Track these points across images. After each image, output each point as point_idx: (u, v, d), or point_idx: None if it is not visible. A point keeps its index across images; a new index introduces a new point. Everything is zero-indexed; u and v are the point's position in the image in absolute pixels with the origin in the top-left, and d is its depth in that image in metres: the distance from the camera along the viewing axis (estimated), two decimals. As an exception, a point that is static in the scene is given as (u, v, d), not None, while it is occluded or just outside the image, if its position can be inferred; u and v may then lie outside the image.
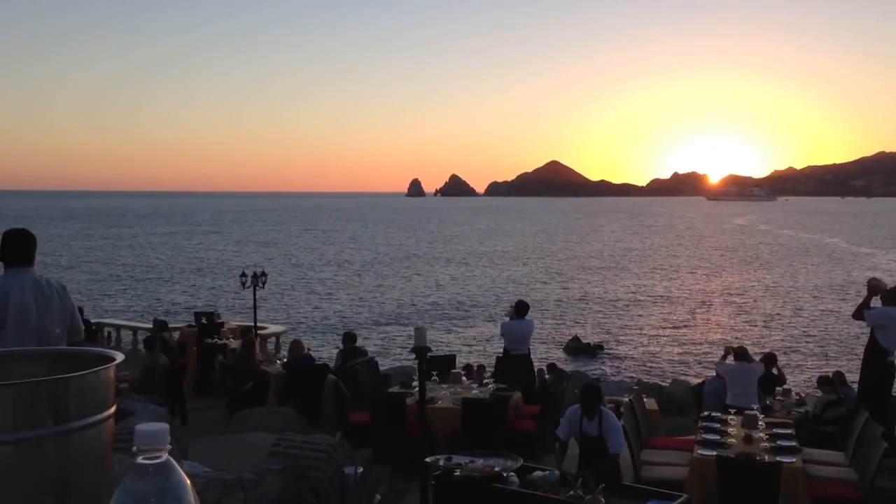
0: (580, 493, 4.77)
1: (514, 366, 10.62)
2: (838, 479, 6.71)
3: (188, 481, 1.13)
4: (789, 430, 7.37)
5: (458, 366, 11.97)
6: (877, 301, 8.93)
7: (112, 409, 1.48)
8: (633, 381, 20.43)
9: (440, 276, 48.94)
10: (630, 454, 7.13)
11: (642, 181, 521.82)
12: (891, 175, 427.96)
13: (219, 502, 3.00)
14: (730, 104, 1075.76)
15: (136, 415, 6.77)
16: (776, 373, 10.46)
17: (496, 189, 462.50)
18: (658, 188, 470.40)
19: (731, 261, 59.15)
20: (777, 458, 6.43)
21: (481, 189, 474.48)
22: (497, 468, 5.12)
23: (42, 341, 4.11)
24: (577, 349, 26.43)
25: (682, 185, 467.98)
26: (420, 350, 5.65)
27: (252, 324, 17.32)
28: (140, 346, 16.92)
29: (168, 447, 1.13)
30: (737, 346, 10.31)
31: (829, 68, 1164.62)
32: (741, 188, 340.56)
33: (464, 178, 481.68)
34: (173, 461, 1.13)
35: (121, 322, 21.73)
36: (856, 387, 9.60)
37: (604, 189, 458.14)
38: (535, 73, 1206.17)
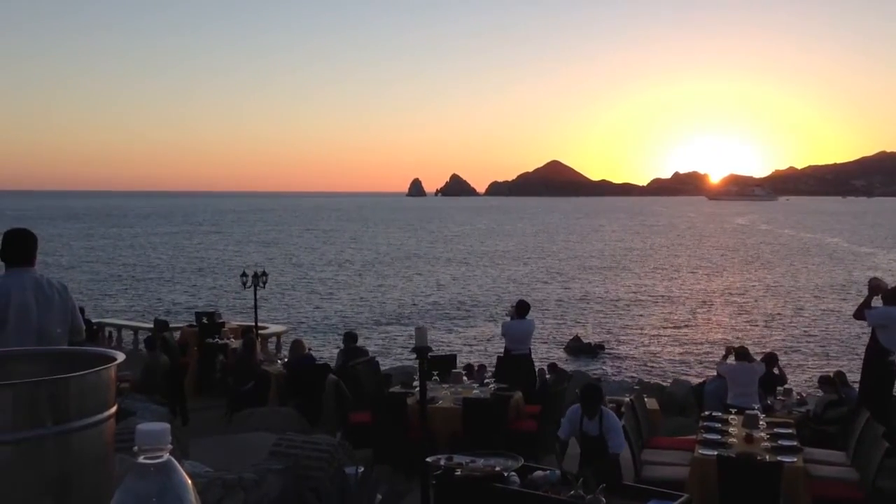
0: (581, 492, 4.76)
1: (515, 366, 10.62)
2: (839, 478, 6.71)
3: (189, 481, 1.13)
4: (790, 430, 7.37)
5: (458, 366, 11.97)
6: (878, 301, 8.93)
7: (113, 409, 1.47)
8: (634, 381, 20.43)
9: (441, 276, 48.95)
10: (631, 454, 7.13)
11: (643, 181, 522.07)
12: (891, 175, 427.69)
13: (219, 502, 3.00)
14: (730, 104, 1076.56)
15: (137, 415, 6.77)
16: (777, 372, 10.46)
17: (497, 189, 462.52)
18: (659, 188, 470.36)
19: (732, 260, 59.12)
20: (778, 458, 6.43)
21: (482, 189, 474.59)
22: (498, 468, 5.12)
23: (43, 341, 4.11)
24: (577, 349, 26.43)
25: (683, 185, 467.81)
26: (421, 350, 5.65)
27: (253, 324, 17.35)
28: (141, 345, 16.92)
29: (169, 447, 1.13)
30: (738, 346, 10.31)
31: (829, 68, 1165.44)
32: (742, 188, 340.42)
33: (464, 177, 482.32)
34: (174, 461, 1.13)
35: (122, 322, 21.75)
36: (857, 386, 9.61)
37: (604, 189, 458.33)
38: (536, 73, 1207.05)
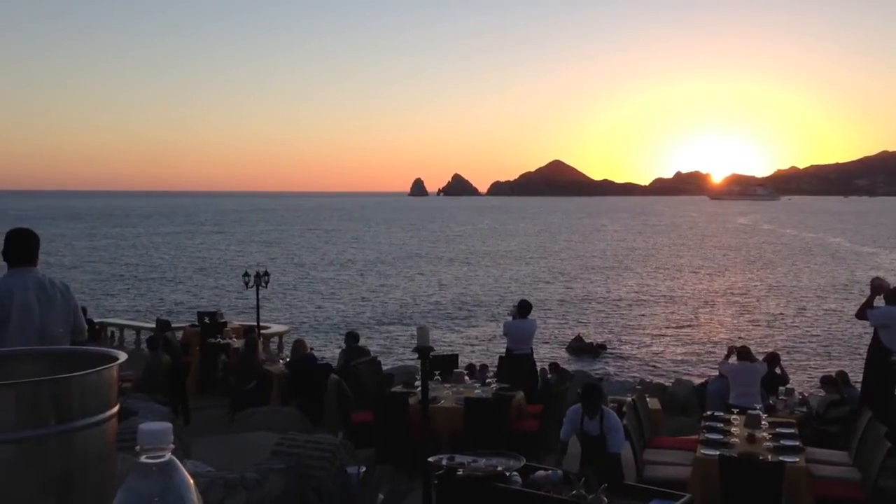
0: (583, 492, 4.76)
1: (517, 365, 10.62)
2: (841, 478, 6.70)
3: (191, 481, 1.13)
4: (792, 430, 7.37)
5: (460, 365, 11.97)
6: (880, 300, 8.92)
7: (115, 409, 1.47)
8: (636, 381, 20.39)
9: (443, 276, 48.94)
10: (633, 454, 7.13)
11: (645, 181, 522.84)
12: (894, 174, 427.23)
13: (222, 501, 3.00)
14: (733, 104, 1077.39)
15: (139, 414, 6.78)
16: (779, 372, 10.45)
17: (499, 188, 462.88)
18: (661, 187, 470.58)
19: (734, 260, 59.06)
20: (780, 458, 6.42)
21: (484, 188, 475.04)
22: (500, 468, 5.12)
23: (45, 341, 4.11)
24: (579, 349, 26.40)
25: (685, 185, 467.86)
26: (423, 349, 5.65)
27: (255, 323, 17.37)
28: (143, 345, 16.93)
29: (171, 446, 1.13)
30: (740, 346, 10.30)
31: (831, 68, 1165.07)
32: (744, 187, 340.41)
33: (466, 177, 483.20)
34: (176, 460, 1.13)
35: (124, 322, 21.80)
36: (859, 386, 9.59)
37: (606, 188, 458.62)
38: (537, 73, 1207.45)
